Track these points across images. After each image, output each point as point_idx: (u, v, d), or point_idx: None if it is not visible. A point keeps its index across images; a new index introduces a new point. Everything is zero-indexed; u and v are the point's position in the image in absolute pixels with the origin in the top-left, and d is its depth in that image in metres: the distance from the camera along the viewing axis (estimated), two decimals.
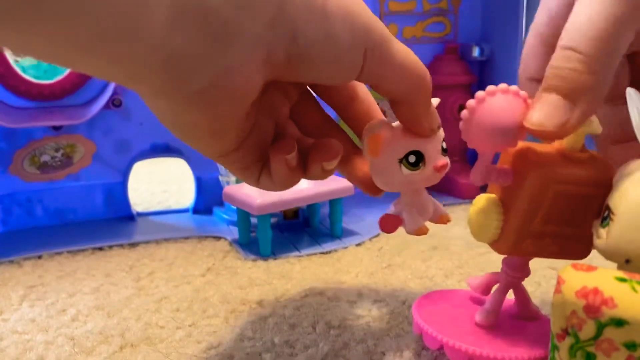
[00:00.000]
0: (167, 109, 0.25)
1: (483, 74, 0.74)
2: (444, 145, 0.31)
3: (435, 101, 0.31)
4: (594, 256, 0.49)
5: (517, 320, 0.34)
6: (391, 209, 0.34)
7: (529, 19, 0.68)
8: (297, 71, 0.25)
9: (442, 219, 0.34)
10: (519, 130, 0.26)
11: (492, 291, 0.34)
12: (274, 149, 0.30)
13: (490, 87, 0.26)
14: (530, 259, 0.33)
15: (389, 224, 0.33)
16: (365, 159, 0.32)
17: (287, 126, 0.32)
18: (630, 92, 0.27)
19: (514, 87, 0.26)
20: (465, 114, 0.26)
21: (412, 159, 0.30)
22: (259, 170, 0.31)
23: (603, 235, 0.27)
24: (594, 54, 0.25)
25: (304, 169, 0.31)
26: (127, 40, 0.20)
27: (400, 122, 0.30)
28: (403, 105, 0.29)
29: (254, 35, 0.23)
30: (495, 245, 0.30)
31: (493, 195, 0.30)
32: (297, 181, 0.31)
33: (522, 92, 0.27)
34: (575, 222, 0.29)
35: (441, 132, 0.31)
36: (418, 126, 0.30)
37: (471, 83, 0.72)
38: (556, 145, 0.29)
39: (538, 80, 0.32)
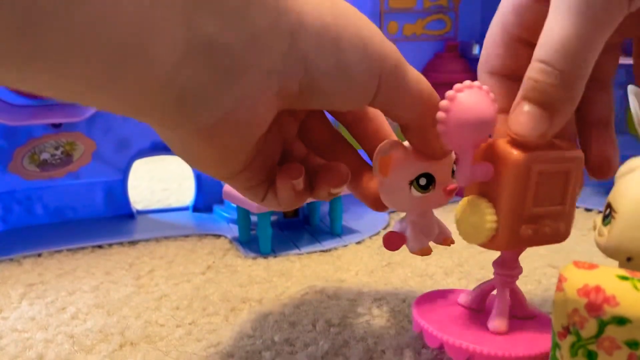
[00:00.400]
0: (176, 139, 0.25)
1: None
2: (455, 167, 0.31)
3: None
4: (594, 254, 0.49)
5: (517, 318, 0.34)
6: (396, 226, 0.33)
7: None
8: (309, 101, 0.25)
9: (446, 241, 0.34)
10: (494, 121, 0.27)
11: (488, 296, 0.34)
12: (281, 173, 0.30)
13: (456, 85, 0.26)
14: (519, 254, 0.33)
15: (393, 242, 0.33)
16: (374, 177, 0.32)
17: (295, 143, 0.32)
18: (631, 88, 0.27)
19: (476, 82, 0.27)
20: (441, 115, 0.26)
21: (422, 181, 0.30)
22: (264, 190, 0.30)
23: (605, 233, 0.27)
24: (569, 71, 0.26)
25: (311, 189, 0.31)
26: (137, 78, 0.20)
27: (411, 145, 0.30)
28: (415, 130, 0.29)
29: (264, 70, 0.23)
30: (493, 242, 0.30)
31: (476, 195, 0.30)
32: (304, 202, 0.31)
33: (484, 86, 0.27)
34: (560, 200, 0.30)
35: (452, 155, 0.31)
36: (429, 150, 0.30)
37: (471, 80, 0.72)
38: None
39: (498, 75, 0.33)
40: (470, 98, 0.26)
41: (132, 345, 0.36)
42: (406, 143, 0.31)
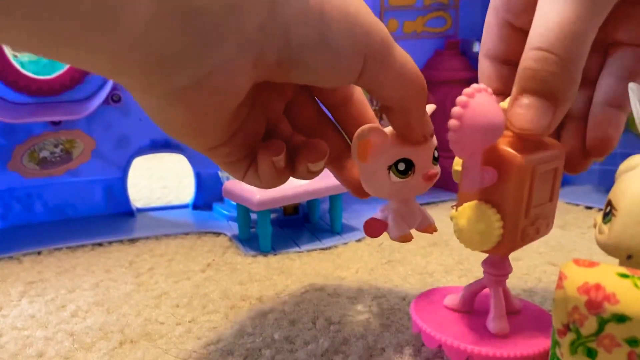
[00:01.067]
0: (152, 104, 0.25)
1: None
2: (436, 154, 0.31)
3: (430, 108, 0.31)
4: (594, 252, 0.49)
5: (516, 317, 0.33)
6: (378, 213, 0.33)
7: None
8: (289, 74, 0.25)
9: (428, 229, 0.34)
10: (504, 124, 0.27)
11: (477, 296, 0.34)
12: (261, 149, 0.29)
13: (466, 90, 0.26)
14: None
15: (373, 229, 0.33)
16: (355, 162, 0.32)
17: (280, 123, 0.32)
18: (632, 86, 0.27)
19: (481, 85, 0.26)
20: (454, 123, 0.26)
21: (401, 166, 0.30)
22: (246, 166, 0.30)
23: (605, 231, 0.27)
24: (569, 56, 0.25)
25: (292, 168, 0.31)
26: (108, 32, 0.19)
27: (393, 128, 0.30)
28: (398, 112, 0.28)
29: (242, 37, 0.22)
30: (498, 248, 0.30)
31: (479, 201, 0.29)
32: (285, 181, 0.31)
33: (489, 88, 0.27)
34: (549, 196, 0.30)
35: (434, 141, 0.31)
36: (411, 133, 0.29)
37: (472, 78, 0.71)
38: (507, 133, 0.29)
39: (493, 58, 0.33)
40: (481, 103, 0.26)
41: (132, 342, 0.36)
42: (387, 129, 0.30)
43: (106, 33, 0.19)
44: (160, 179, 0.84)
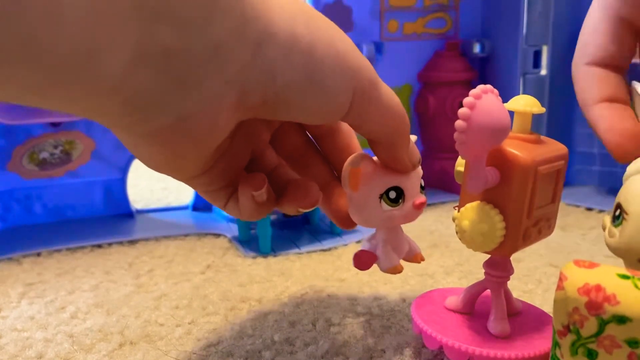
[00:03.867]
0: (130, 141, 0.24)
1: (484, 71, 0.74)
2: (422, 182, 0.31)
3: (413, 138, 0.31)
4: (595, 253, 0.49)
5: (516, 318, 0.33)
6: (365, 244, 0.33)
7: (530, 16, 0.67)
8: (276, 113, 0.24)
9: (416, 258, 0.34)
10: (510, 125, 0.27)
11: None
12: (242, 182, 0.29)
13: (473, 91, 0.26)
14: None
15: (363, 261, 0.33)
16: (343, 194, 0.32)
17: (266, 151, 0.31)
18: (635, 85, 0.27)
19: (488, 86, 0.26)
20: (461, 124, 0.25)
21: (392, 194, 0.30)
22: (227, 195, 0.30)
23: (616, 234, 0.27)
24: None
25: (278, 201, 0.30)
26: (84, 81, 0.19)
27: (380, 160, 0.30)
28: (385, 145, 0.29)
29: (223, 78, 0.22)
30: (500, 249, 0.30)
31: (482, 202, 0.29)
32: (266, 213, 0.30)
33: (495, 89, 0.27)
34: (552, 198, 0.30)
35: (420, 170, 0.31)
36: (399, 164, 0.30)
37: (472, 79, 0.71)
38: (510, 135, 0.29)
39: (600, 65, 0.30)
40: (488, 105, 0.26)
41: (132, 344, 0.36)
42: (376, 157, 0.30)
43: (82, 82, 0.19)
44: (160, 180, 0.84)
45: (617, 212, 0.27)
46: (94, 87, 0.19)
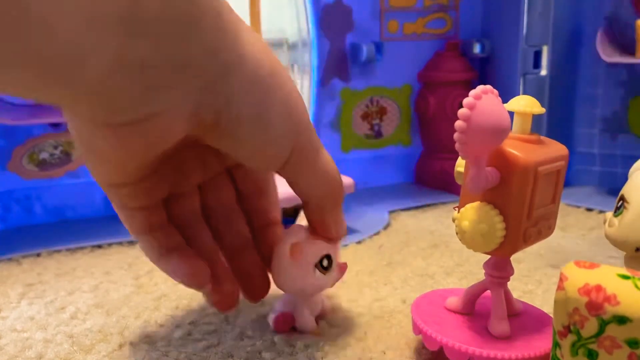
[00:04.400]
0: (86, 131, 0.26)
1: (484, 71, 0.73)
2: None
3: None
4: (595, 254, 0.49)
5: (517, 319, 0.33)
6: (279, 306, 0.36)
7: (530, 16, 0.67)
8: (221, 141, 0.27)
9: (324, 314, 0.37)
10: (510, 125, 0.27)
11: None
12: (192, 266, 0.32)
13: (473, 92, 0.26)
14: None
15: (286, 323, 0.36)
16: (256, 259, 0.35)
17: (187, 195, 0.33)
18: None
19: (488, 86, 0.26)
20: (461, 124, 0.26)
21: (325, 262, 0.33)
22: (142, 221, 0.31)
23: (615, 224, 0.27)
24: None
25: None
26: (68, 83, 0.21)
27: (308, 222, 0.33)
28: (315, 209, 0.32)
29: (184, 92, 0.24)
30: (501, 249, 0.30)
31: (482, 203, 0.29)
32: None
33: (495, 90, 0.27)
34: (552, 198, 0.30)
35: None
36: (326, 229, 0.32)
37: (472, 80, 0.71)
38: (510, 135, 0.29)
39: None
40: (488, 105, 0.26)
41: (132, 345, 0.36)
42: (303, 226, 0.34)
43: (67, 83, 0.21)
44: None
45: (619, 203, 0.27)
46: (77, 87, 0.21)
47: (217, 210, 0.34)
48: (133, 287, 0.45)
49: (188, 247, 0.33)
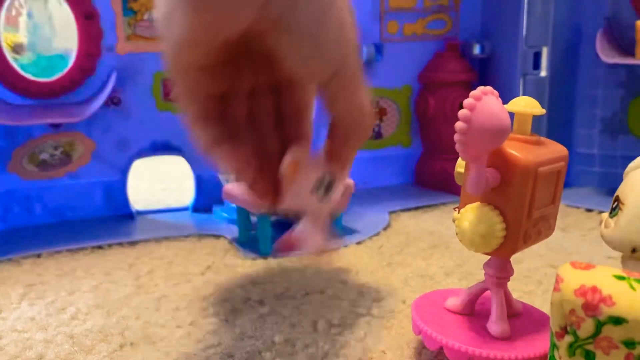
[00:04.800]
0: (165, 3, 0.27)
1: (484, 72, 0.74)
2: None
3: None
4: (594, 254, 0.49)
5: (516, 319, 0.33)
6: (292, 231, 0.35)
7: (530, 17, 0.68)
8: (281, 38, 0.28)
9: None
10: (510, 126, 0.27)
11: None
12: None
13: (473, 93, 0.26)
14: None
15: (285, 244, 0.35)
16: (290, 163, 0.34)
17: (239, 98, 0.34)
18: None
19: (488, 88, 0.26)
20: (461, 125, 0.26)
21: (325, 183, 0.32)
22: (202, 111, 0.32)
23: (611, 225, 0.27)
24: None
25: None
26: None
27: (327, 146, 0.33)
28: (340, 137, 0.32)
29: None
30: (501, 250, 0.30)
31: (482, 203, 0.30)
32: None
33: (495, 91, 0.27)
34: (552, 199, 0.31)
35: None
36: (339, 158, 0.33)
37: (472, 80, 0.72)
38: (511, 136, 0.29)
39: None
40: (489, 106, 0.26)
41: (132, 345, 0.36)
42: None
43: None
44: (160, 182, 0.84)
45: (615, 204, 0.27)
46: None
47: (259, 118, 0.35)
48: (133, 287, 0.45)
49: (238, 141, 0.34)
